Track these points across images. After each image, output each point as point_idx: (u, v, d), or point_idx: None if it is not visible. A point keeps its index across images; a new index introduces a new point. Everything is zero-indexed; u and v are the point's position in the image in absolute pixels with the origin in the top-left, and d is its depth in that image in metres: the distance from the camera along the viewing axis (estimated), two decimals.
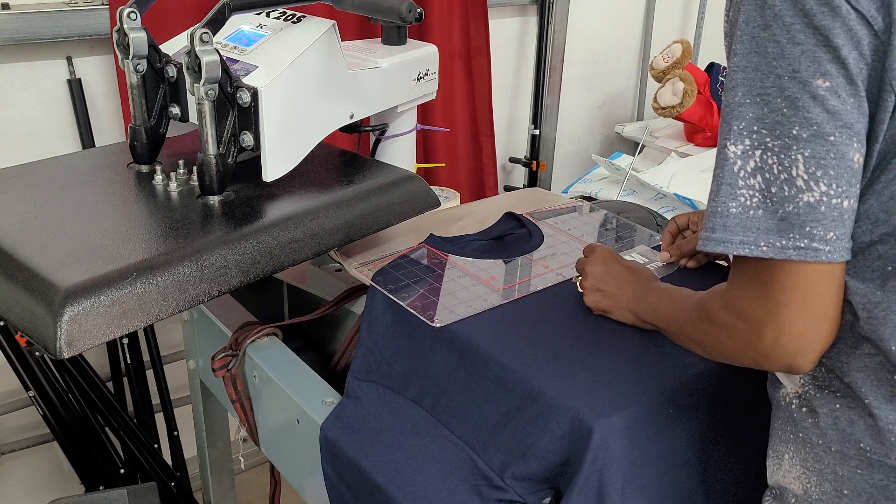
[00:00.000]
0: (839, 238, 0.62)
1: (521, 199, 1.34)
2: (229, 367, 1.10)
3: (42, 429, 1.67)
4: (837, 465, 0.69)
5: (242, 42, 1.07)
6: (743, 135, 0.63)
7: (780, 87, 0.61)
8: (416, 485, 0.87)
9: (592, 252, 1.01)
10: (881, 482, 0.67)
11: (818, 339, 0.66)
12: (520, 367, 0.87)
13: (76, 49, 1.61)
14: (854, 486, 0.68)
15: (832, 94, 0.60)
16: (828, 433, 0.70)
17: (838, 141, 0.61)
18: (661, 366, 0.89)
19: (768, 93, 0.62)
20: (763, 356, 0.67)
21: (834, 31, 0.59)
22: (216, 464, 1.48)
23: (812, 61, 0.60)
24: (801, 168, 0.61)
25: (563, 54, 2.30)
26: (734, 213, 0.64)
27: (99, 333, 0.82)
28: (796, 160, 0.61)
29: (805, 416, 0.72)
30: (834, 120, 0.60)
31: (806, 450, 0.72)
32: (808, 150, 0.61)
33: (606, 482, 0.78)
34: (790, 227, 0.62)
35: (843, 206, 0.62)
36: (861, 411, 0.67)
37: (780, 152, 0.62)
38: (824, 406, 0.70)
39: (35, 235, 0.92)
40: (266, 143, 1.01)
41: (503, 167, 2.41)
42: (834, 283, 0.65)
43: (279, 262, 0.97)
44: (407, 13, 1.14)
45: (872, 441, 0.67)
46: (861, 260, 0.65)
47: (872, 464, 0.67)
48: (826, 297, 0.64)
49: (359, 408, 0.98)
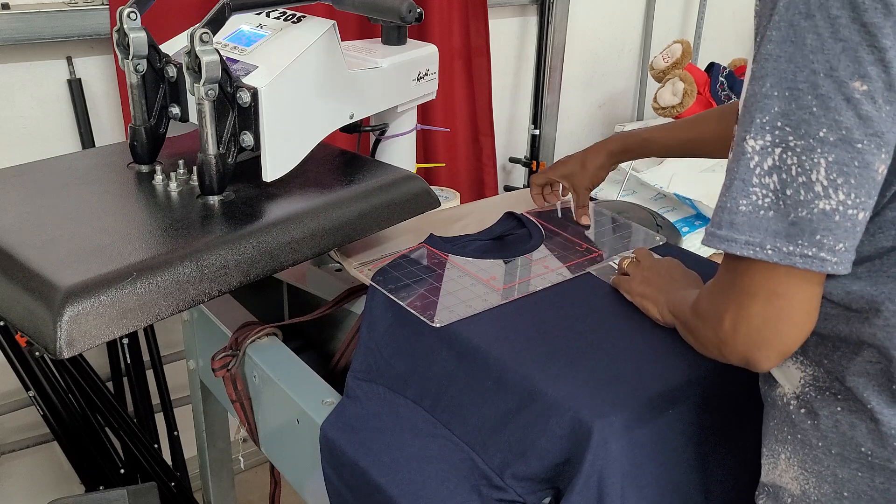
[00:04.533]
0: (847, 250, 0.60)
1: (521, 199, 1.34)
2: (229, 367, 1.10)
3: (42, 429, 1.67)
4: (838, 467, 0.68)
5: (242, 42, 1.07)
6: (765, 129, 0.59)
7: (813, 84, 0.57)
8: (416, 485, 0.87)
9: (652, 254, 1.07)
10: (882, 485, 0.66)
11: (778, 338, 0.64)
12: (520, 367, 0.87)
13: (76, 49, 1.61)
14: (854, 489, 0.67)
15: (868, 99, 0.56)
16: (828, 436, 0.69)
17: (865, 149, 0.57)
18: (661, 366, 0.89)
19: (800, 87, 0.57)
20: (722, 343, 0.67)
21: (884, 30, 0.55)
22: (216, 464, 1.48)
23: (853, 60, 0.56)
24: (822, 173, 0.58)
25: (563, 54, 2.30)
26: (743, 210, 0.61)
27: (99, 333, 0.82)
28: (818, 164, 0.58)
29: (804, 418, 0.71)
30: (865, 126, 0.57)
31: (805, 451, 0.71)
32: (833, 155, 0.57)
33: (606, 482, 0.78)
34: (800, 232, 0.59)
35: (857, 218, 0.59)
36: (863, 415, 0.66)
37: (803, 153, 0.58)
38: (825, 409, 0.69)
39: (35, 235, 0.92)
40: (266, 143, 1.01)
41: (503, 167, 2.41)
42: (810, 291, 0.63)
43: (279, 262, 0.97)
44: (407, 13, 1.14)
45: (874, 445, 0.66)
46: (879, 265, 0.63)
47: (874, 467, 0.66)
48: (797, 302, 0.63)
49: (359, 408, 0.98)
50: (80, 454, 1.64)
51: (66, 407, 1.59)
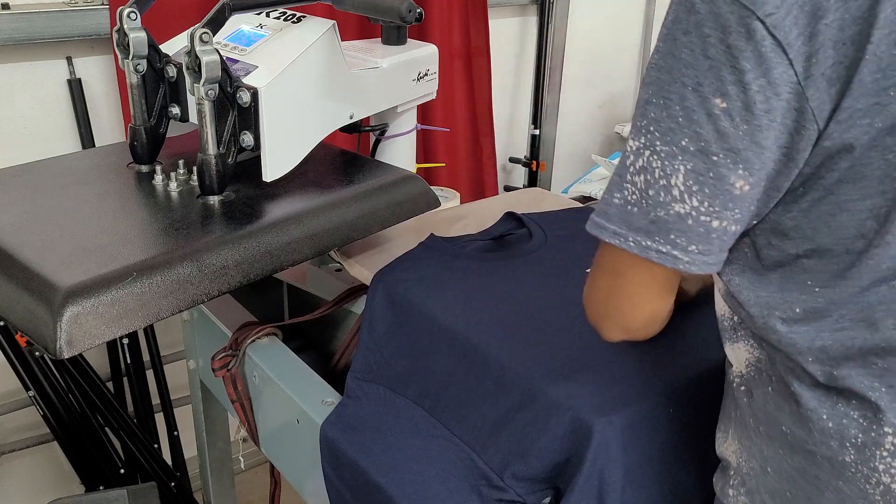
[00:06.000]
0: (701, 252, 0.64)
1: (521, 199, 1.34)
2: (229, 367, 1.10)
3: (42, 429, 1.67)
4: (764, 444, 0.72)
5: (242, 42, 1.07)
6: (641, 132, 0.64)
7: (682, 96, 0.61)
8: (416, 485, 0.87)
9: None
10: (799, 465, 0.69)
11: (618, 313, 0.73)
12: (520, 366, 0.87)
13: (76, 49, 1.61)
14: (776, 466, 0.71)
15: (726, 116, 0.59)
16: (758, 414, 0.72)
17: (721, 163, 0.61)
18: (662, 365, 0.89)
19: (671, 98, 0.62)
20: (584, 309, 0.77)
21: (745, 53, 0.58)
22: (216, 464, 1.48)
23: (716, 78, 0.59)
24: (680, 178, 0.62)
25: (563, 54, 2.30)
26: (616, 203, 0.66)
27: (99, 333, 0.82)
28: (678, 170, 0.62)
29: (742, 395, 0.75)
30: (721, 141, 0.60)
31: (741, 428, 0.75)
32: (691, 164, 0.61)
33: (607, 482, 0.78)
34: (658, 230, 0.64)
35: (711, 225, 0.63)
36: (788, 397, 0.69)
37: (666, 159, 0.62)
38: (759, 388, 0.72)
39: (35, 235, 0.92)
40: (266, 143, 1.01)
41: (503, 167, 2.41)
42: (651, 279, 0.70)
43: (279, 262, 0.97)
44: (407, 13, 1.14)
45: (794, 426, 0.69)
46: (788, 271, 0.66)
47: (793, 447, 0.69)
48: (635, 285, 0.71)
49: (359, 408, 0.98)
50: (80, 454, 1.64)
51: (66, 407, 1.59)
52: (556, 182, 2.48)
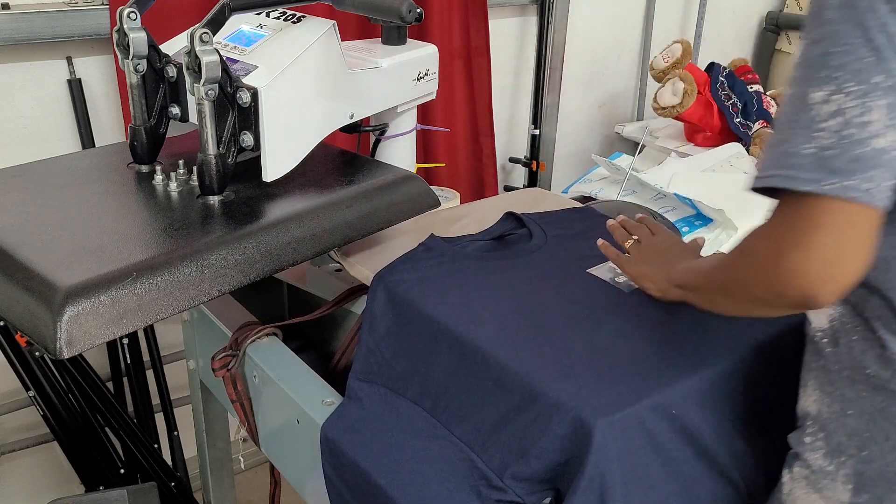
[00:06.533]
0: (892, 189, 0.67)
1: (521, 199, 1.34)
2: (229, 367, 1.10)
3: (42, 429, 1.67)
4: (846, 388, 0.78)
5: (242, 42, 1.07)
6: (826, 81, 0.66)
7: (867, 39, 0.65)
8: (416, 486, 0.87)
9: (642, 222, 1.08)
10: (881, 404, 0.75)
11: (844, 270, 0.68)
12: (520, 367, 0.87)
13: (76, 49, 1.61)
14: (858, 407, 0.77)
15: None
16: (842, 360, 0.78)
17: None
18: (663, 365, 0.89)
19: (854, 42, 0.65)
20: (784, 282, 0.69)
21: None
22: (216, 464, 1.48)
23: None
24: (878, 114, 0.65)
25: (563, 54, 2.30)
26: (805, 153, 0.66)
27: (99, 333, 0.82)
28: (876, 106, 0.65)
29: (826, 346, 0.80)
30: None
31: (823, 375, 0.80)
32: (889, 99, 0.65)
33: (608, 483, 0.78)
34: (860, 167, 0.65)
35: None
36: (873, 343, 0.75)
37: (862, 97, 0.65)
38: (844, 337, 0.78)
39: (35, 235, 0.92)
40: (266, 143, 1.01)
41: (503, 167, 2.41)
42: (870, 223, 0.68)
43: (279, 262, 0.97)
44: (407, 13, 1.14)
45: (878, 367, 0.75)
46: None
47: (875, 387, 0.75)
48: (860, 232, 0.68)
49: (360, 409, 0.98)
50: (80, 454, 1.64)
51: (66, 407, 1.59)
52: (556, 182, 2.48)
